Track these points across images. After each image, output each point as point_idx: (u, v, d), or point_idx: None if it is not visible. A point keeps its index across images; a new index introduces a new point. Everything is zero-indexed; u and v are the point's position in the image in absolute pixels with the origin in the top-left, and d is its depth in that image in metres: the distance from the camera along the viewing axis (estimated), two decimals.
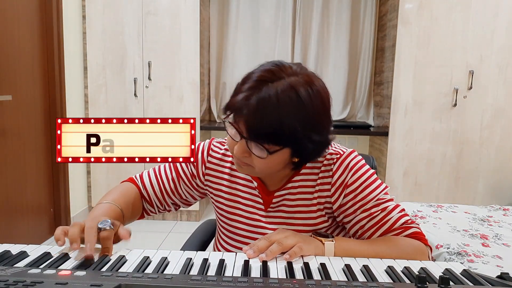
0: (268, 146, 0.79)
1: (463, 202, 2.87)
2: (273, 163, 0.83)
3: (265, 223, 0.96)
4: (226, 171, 1.01)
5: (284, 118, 0.76)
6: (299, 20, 3.57)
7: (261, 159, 0.81)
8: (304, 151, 0.83)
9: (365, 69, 3.62)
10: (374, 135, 3.40)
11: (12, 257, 0.71)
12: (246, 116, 0.77)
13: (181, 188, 1.05)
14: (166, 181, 1.04)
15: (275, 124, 0.76)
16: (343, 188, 0.90)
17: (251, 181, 0.98)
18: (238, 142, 0.82)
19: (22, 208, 2.59)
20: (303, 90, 0.77)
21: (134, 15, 3.07)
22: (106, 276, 0.60)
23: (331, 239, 0.82)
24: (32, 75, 2.65)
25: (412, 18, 2.92)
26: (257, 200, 0.97)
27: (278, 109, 0.75)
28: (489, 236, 1.78)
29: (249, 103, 0.77)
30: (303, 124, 0.77)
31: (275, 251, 0.75)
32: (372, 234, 0.90)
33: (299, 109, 0.77)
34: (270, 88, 0.76)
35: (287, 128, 0.76)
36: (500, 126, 2.99)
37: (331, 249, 0.80)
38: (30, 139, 2.64)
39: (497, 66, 2.92)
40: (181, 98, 3.14)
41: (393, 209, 0.90)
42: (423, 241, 0.87)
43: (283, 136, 0.77)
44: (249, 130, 0.78)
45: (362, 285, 0.60)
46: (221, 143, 1.04)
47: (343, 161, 0.91)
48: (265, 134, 0.77)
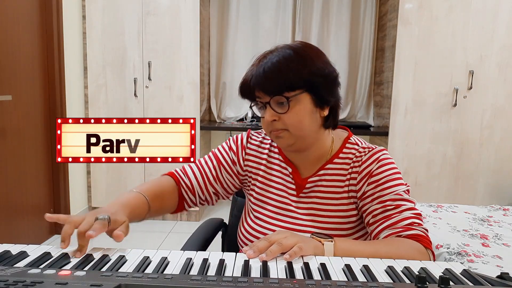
0: (285, 93, 0.88)
1: (463, 202, 2.87)
2: (301, 115, 0.90)
3: (295, 208, 1.00)
4: (264, 157, 1.07)
5: (285, 66, 0.88)
6: (299, 20, 3.57)
7: (289, 114, 0.89)
8: (319, 88, 0.91)
9: (365, 69, 3.62)
10: (374, 135, 3.40)
11: (12, 257, 0.71)
12: (256, 82, 0.89)
13: (222, 175, 1.08)
14: (208, 169, 1.08)
15: (279, 74, 0.88)
16: (368, 177, 0.94)
17: (286, 168, 1.03)
18: (265, 113, 0.91)
19: (22, 208, 2.59)
20: (294, 46, 0.92)
21: (134, 15, 3.07)
22: (106, 276, 0.60)
23: (330, 239, 0.82)
24: (32, 75, 2.65)
25: (412, 18, 2.92)
26: (289, 186, 1.02)
27: (278, 64, 0.88)
28: (489, 236, 1.78)
29: (254, 72, 0.90)
30: (303, 64, 0.89)
31: (275, 251, 0.75)
32: (378, 225, 0.91)
33: (296, 57, 0.90)
34: (269, 57, 0.90)
35: (290, 72, 0.88)
36: (500, 126, 2.99)
37: (331, 249, 0.80)
38: (30, 139, 2.64)
39: (497, 66, 2.92)
40: (181, 98, 3.14)
41: (407, 209, 0.90)
42: (424, 244, 0.86)
43: (291, 79, 0.88)
44: (264, 91, 0.90)
45: (362, 285, 0.60)
46: (258, 133, 1.12)
47: (373, 154, 0.96)
48: (276, 86, 0.88)
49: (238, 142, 1.10)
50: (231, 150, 1.09)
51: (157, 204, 1.00)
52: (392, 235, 0.88)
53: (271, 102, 0.90)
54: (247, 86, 0.92)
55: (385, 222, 0.90)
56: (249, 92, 0.92)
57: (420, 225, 0.90)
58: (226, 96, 3.69)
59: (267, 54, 0.92)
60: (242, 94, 0.95)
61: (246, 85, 0.92)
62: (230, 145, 1.10)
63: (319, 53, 0.95)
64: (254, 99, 0.93)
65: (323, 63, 0.93)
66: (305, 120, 0.91)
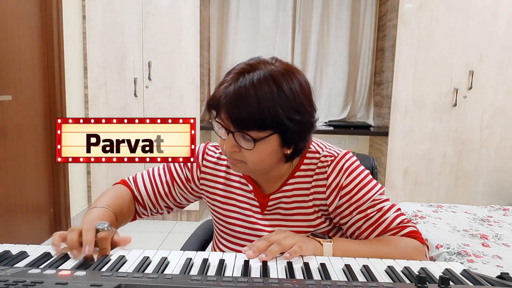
0: (253, 133, 0.80)
1: (463, 202, 2.87)
2: (264, 154, 0.83)
3: (262, 226, 0.96)
4: (222, 175, 1.01)
5: (262, 101, 0.78)
6: (299, 20, 3.57)
7: (251, 151, 0.82)
8: (290, 135, 0.83)
9: (365, 69, 3.62)
10: (374, 135, 3.39)
11: (12, 257, 0.71)
12: (226, 105, 0.80)
13: (175, 192, 1.04)
14: (160, 184, 1.04)
15: (254, 108, 0.78)
16: (338, 190, 0.91)
17: (247, 184, 0.98)
18: (226, 140, 0.84)
19: (22, 208, 2.59)
20: (279, 75, 0.81)
21: (134, 15, 3.07)
22: (106, 276, 0.60)
23: (329, 240, 0.82)
24: (32, 75, 2.65)
25: (412, 18, 2.92)
26: (253, 203, 0.98)
27: (255, 94, 0.78)
28: (489, 236, 1.78)
29: (228, 92, 0.80)
30: (281, 105, 0.79)
31: (274, 251, 0.75)
32: (369, 235, 0.90)
33: (277, 92, 0.79)
34: (247, 78, 0.80)
35: (266, 110, 0.78)
36: (500, 126, 2.99)
37: (330, 250, 0.80)
38: (30, 139, 2.64)
39: (497, 66, 2.92)
40: (181, 98, 3.14)
41: (389, 209, 0.91)
42: (420, 240, 0.88)
43: (264, 119, 0.78)
44: (232, 120, 0.80)
45: (362, 285, 0.60)
46: (216, 147, 1.04)
47: (337, 163, 0.91)
48: (247, 121, 0.79)
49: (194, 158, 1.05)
50: (185, 167, 1.03)
51: (122, 217, 0.98)
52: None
53: (235, 134, 0.82)
54: (216, 106, 0.82)
55: (375, 229, 0.89)
56: (216, 110, 0.84)
57: (409, 220, 0.91)
58: None
59: (246, 70, 0.82)
60: (209, 108, 0.86)
61: (215, 104, 0.82)
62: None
63: (303, 89, 0.83)
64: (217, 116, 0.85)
65: (302, 106, 0.82)
66: (266, 158, 0.85)
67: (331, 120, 3.54)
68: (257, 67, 0.82)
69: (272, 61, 0.85)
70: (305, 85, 0.84)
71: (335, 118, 3.61)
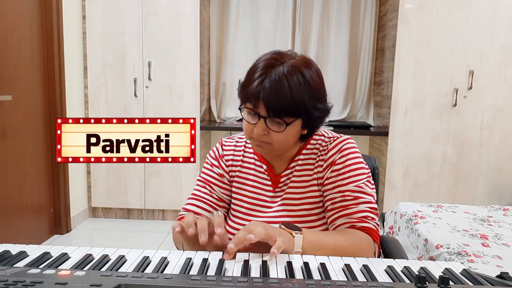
0: (286, 119, 0.92)
1: (463, 202, 2.87)
2: (289, 136, 0.95)
3: (270, 202, 1.05)
4: (239, 158, 1.11)
5: (294, 91, 0.90)
6: (299, 20, 3.57)
7: (279, 133, 0.93)
8: (312, 120, 0.96)
9: (365, 69, 3.62)
10: (374, 135, 3.39)
11: (11, 257, 0.71)
12: (265, 97, 0.90)
13: (221, 193, 1.11)
14: (208, 196, 1.10)
15: (288, 98, 0.89)
16: (331, 165, 1.00)
17: (261, 166, 1.08)
18: (256, 124, 0.93)
19: (22, 208, 2.59)
20: (301, 66, 0.93)
21: (134, 15, 3.07)
22: (106, 276, 0.60)
23: (300, 231, 0.85)
24: (32, 75, 2.65)
25: (412, 18, 2.92)
26: (265, 183, 1.07)
27: (288, 85, 0.90)
28: (489, 236, 1.78)
29: (264, 86, 0.90)
30: (307, 93, 0.92)
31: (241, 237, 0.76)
32: (335, 213, 0.97)
33: (303, 82, 0.92)
34: (278, 71, 0.91)
35: (298, 100, 0.90)
36: (500, 126, 2.99)
37: (300, 241, 0.84)
38: (30, 139, 2.64)
39: (497, 66, 2.92)
40: (181, 98, 3.14)
41: (364, 202, 0.96)
42: (373, 237, 0.94)
43: (296, 107, 0.91)
44: (268, 109, 0.91)
45: (362, 285, 0.60)
46: (230, 138, 1.16)
47: (338, 143, 1.02)
48: (282, 110, 0.90)
49: (216, 154, 1.13)
50: (214, 167, 1.12)
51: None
52: (346, 224, 0.95)
53: (267, 120, 0.92)
54: (256, 98, 0.91)
55: (342, 211, 0.96)
56: (250, 99, 0.93)
57: (374, 219, 0.96)
58: (226, 96, 3.69)
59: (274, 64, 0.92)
60: (244, 98, 0.95)
61: (255, 96, 0.91)
62: (211, 162, 1.13)
63: (322, 81, 0.98)
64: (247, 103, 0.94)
65: (324, 96, 0.97)
66: (290, 139, 0.97)
67: (331, 120, 3.53)
68: (282, 60, 0.93)
69: (291, 54, 0.96)
70: (320, 74, 0.98)
71: (335, 118, 3.61)
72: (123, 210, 3.34)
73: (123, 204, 3.29)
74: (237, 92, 0.99)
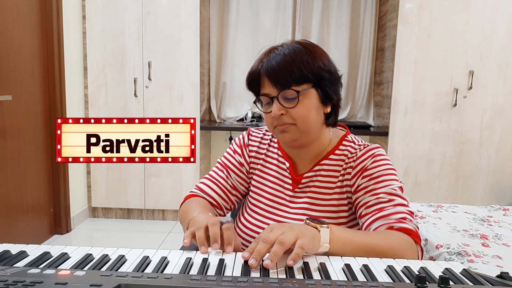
0: (295, 87, 0.90)
1: (463, 202, 2.87)
2: (309, 110, 0.93)
3: (289, 202, 1.03)
4: (263, 152, 1.10)
5: (296, 60, 0.90)
6: (299, 20, 3.57)
7: (297, 108, 0.91)
8: (325, 85, 0.94)
9: (365, 69, 3.62)
10: (374, 135, 3.39)
11: (11, 257, 0.71)
12: (266, 71, 0.91)
13: (236, 181, 1.10)
14: (223, 180, 1.10)
15: (290, 65, 0.90)
16: (362, 171, 0.96)
17: (284, 162, 1.06)
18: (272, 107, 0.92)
19: (22, 208, 2.59)
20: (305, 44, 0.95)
21: (134, 15, 3.07)
22: (106, 276, 0.60)
23: (326, 225, 0.79)
24: (32, 75, 2.65)
25: (412, 18, 2.92)
26: (286, 181, 1.04)
27: (290, 56, 0.91)
28: (489, 236, 1.78)
29: (263, 63, 0.93)
30: (312, 59, 0.92)
31: (278, 253, 0.70)
32: (371, 216, 0.90)
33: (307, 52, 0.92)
34: (277, 51, 0.93)
35: (301, 64, 0.90)
36: (500, 126, 2.99)
37: (327, 236, 0.77)
38: (30, 139, 2.64)
39: (497, 66, 2.92)
40: (181, 98, 3.14)
41: (400, 205, 0.91)
42: (415, 238, 0.86)
43: (301, 72, 0.90)
44: (273, 81, 0.91)
45: (362, 285, 0.60)
46: (258, 129, 1.15)
47: (368, 150, 0.99)
48: (287, 77, 0.90)
49: (241, 142, 1.12)
50: (236, 153, 1.11)
51: None
52: (383, 226, 0.88)
53: (279, 97, 0.91)
54: (256, 76, 0.93)
55: (378, 213, 0.90)
56: (257, 83, 0.94)
57: (412, 221, 0.90)
58: (226, 96, 3.69)
59: (275, 48, 0.94)
60: (250, 84, 0.96)
61: (255, 74, 0.93)
62: (234, 149, 1.12)
63: (325, 51, 0.98)
64: (259, 93, 0.95)
65: (329, 61, 0.96)
66: (312, 114, 0.94)
67: None
68: (284, 44, 0.95)
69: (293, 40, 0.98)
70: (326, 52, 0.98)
71: None
72: (123, 210, 3.34)
73: (123, 204, 3.29)
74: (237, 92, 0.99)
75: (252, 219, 1.06)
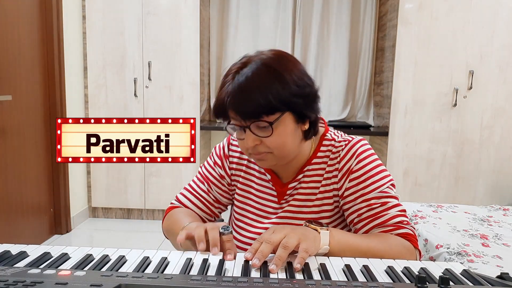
0: (266, 118, 0.82)
1: (463, 202, 2.87)
2: (284, 137, 0.85)
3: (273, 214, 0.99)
4: (244, 163, 1.05)
5: (262, 87, 0.81)
6: (299, 20, 3.57)
7: (272, 137, 0.84)
8: (300, 109, 0.85)
9: (365, 69, 3.62)
10: (374, 135, 3.39)
11: (12, 257, 0.71)
12: (232, 104, 0.82)
13: (218, 194, 1.07)
14: (203, 192, 1.07)
15: (257, 96, 0.81)
16: (348, 173, 0.92)
17: (265, 174, 1.01)
18: (244, 137, 0.85)
19: (22, 208, 2.59)
20: (270, 60, 0.84)
21: (134, 15, 3.07)
22: (106, 276, 0.60)
23: (326, 227, 0.80)
24: (32, 75, 2.65)
25: (412, 18, 2.92)
26: (270, 193, 1.01)
27: (254, 83, 0.81)
28: (489, 236, 1.78)
29: (228, 91, 0.83)
30: (281, 84, 0.82)
31: (283, 257, 0.70)
32: (366, 224, 0.90)
33: (273, 74, 0.82)
34: (242, 73, 0.83)
35: (269, 94, 0.81)
36: (500, 126, 2.99)
37: (327, 238, 0.78)
38: (30, 139, 2.64)
39: (497, 66, 2.92)
40: (181, 98, 3.14)
41: (393, 206, 0.90)
42: (413, 243, 0.87)
43: (270, 102, 0.81)
44: (241, 114, 0.83)
45: (362, 285, 0.60)
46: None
47: (351, 147, 0.93)
48: (255, 110, 0.81)
49: (221, 153, 1.06)
50: (216, 165, 1.06)
51: None
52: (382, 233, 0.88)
53: (251, 127, 0.83)
54: (223, 108, 0.84)
55: (373, 221, 0.89)
56: (225, 113, 0.85)
57: (408, 223, 0.90)
58: None
59: (240, 67, 0.85)
60: (217, 115, 0.87)
61: (222, 106, 0.84)
62: (215, 160, 1.07)
63: (297, 66, 0.87)
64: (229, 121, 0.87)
65: (301, 80, 0.85)
66: (288, 141, 0.86)
67: (331, 120, 3.54)
68: (249, 61, 0.85)
69: (262, 52, 0.88)
70: (297, 62, 0.88)
71: (335, 118, 3.61)
72: (123, 210, 3.34)
73: (123, 204, 3.29)
74: None
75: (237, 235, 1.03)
